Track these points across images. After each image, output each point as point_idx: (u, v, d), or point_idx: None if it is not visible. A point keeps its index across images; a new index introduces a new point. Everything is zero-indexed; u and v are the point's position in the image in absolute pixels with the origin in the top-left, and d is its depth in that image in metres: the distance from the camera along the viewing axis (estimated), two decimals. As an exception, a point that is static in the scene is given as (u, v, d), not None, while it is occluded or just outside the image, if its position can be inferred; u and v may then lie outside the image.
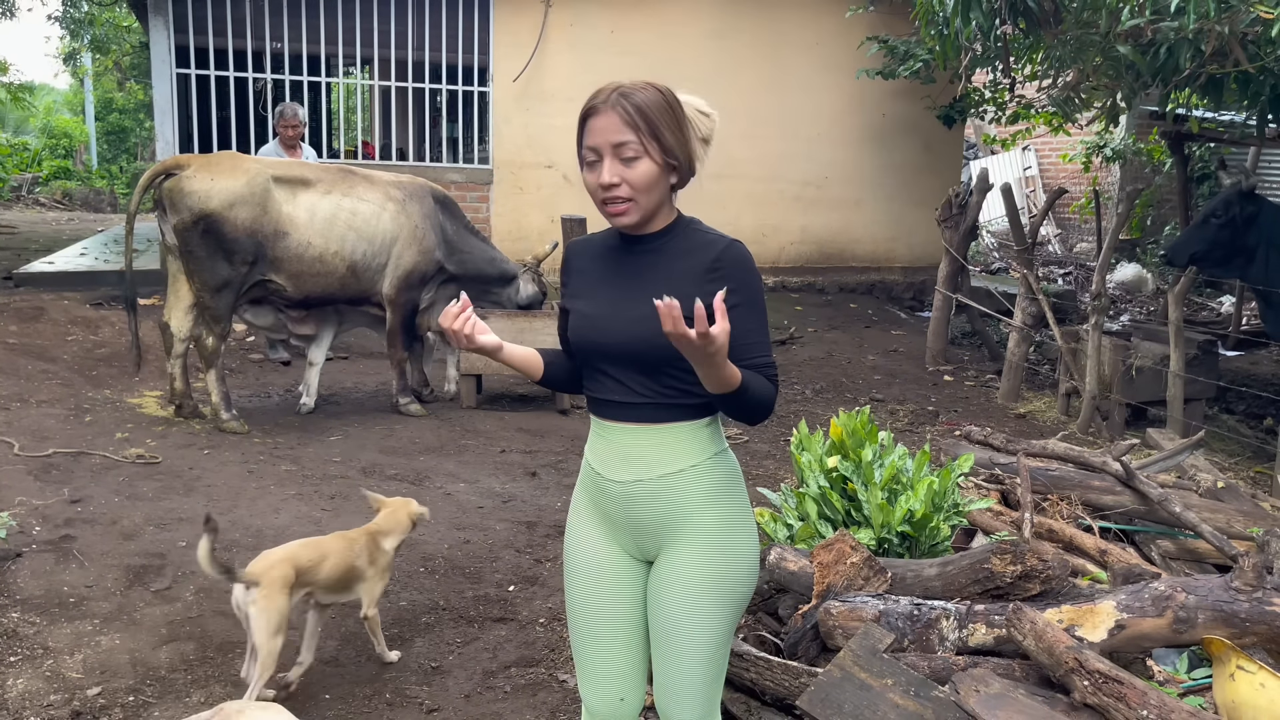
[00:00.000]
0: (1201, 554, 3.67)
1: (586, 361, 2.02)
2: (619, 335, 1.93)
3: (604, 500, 2.04)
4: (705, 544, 1.98)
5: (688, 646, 1.99)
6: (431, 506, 4.70)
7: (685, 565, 1.98)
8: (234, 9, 9.22)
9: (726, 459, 2.03)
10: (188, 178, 5.50)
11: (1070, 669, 2.29)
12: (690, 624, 1.99)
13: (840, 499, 3.39)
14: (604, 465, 2.02)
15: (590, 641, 2.11)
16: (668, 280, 1.92)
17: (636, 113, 1.85)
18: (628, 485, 1.98)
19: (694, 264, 1.92)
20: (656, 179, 1.89)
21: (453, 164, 10.44)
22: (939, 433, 6.13)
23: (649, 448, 1.96)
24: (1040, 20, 5.50)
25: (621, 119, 1.85)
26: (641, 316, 1.87)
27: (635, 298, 1.92)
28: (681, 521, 1.98)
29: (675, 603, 1.99)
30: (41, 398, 6.04)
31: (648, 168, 1.88)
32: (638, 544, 2.05)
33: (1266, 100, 5.59)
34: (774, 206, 11.02)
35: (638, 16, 10.27)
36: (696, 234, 1.96)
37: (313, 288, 5.86)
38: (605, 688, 2.10)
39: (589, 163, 1.91)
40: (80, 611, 3.52)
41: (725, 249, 1.91)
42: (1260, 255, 6.43)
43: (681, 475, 1.96)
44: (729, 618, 2.02)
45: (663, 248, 1.96)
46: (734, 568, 2.00)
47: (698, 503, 1.97)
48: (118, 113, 23.98)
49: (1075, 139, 13.01)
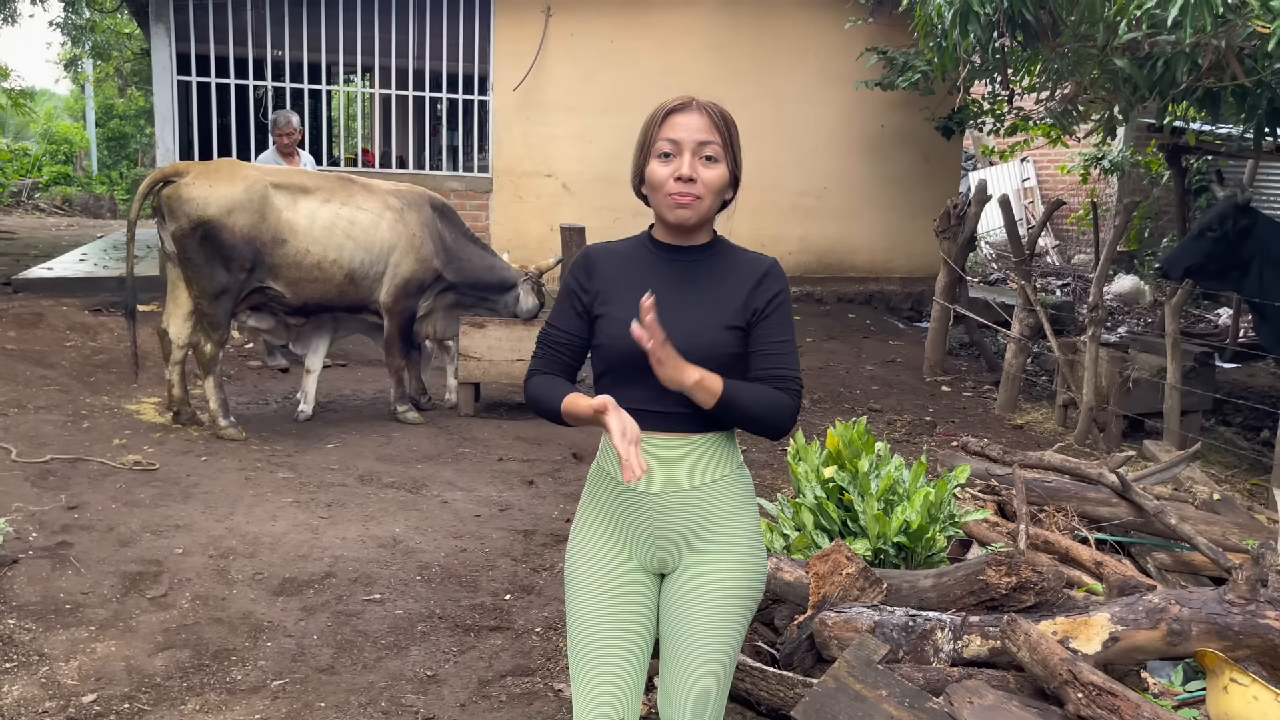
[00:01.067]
0: (1197, 566, 3.68)
1: (614, 369, 1.98)
2: (671, 340, 1.85)
3: (628, 513, 2.01)
4: (732, 554, 2.00)
5: (703, 655, 2.00)
6: (429, 515, 4.73)
7: (712, 575, 2.00)
8: (235, 17, 9.24)
9: (745, 472, 2.08)
10: (186, 184, 5.52)
11: (1064, 681, 2.30)
12: (709, 633, 1.99)
13: (837, 509, 3.40)
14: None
15: (594, 659, 2.04)
16: (721, 294, 1.97)
17: (723, 120, 1.95)
18: (661, 496, 1.97)
19: (745, 278, 1.99)
20: (724, 186, 1.97)
21: (452, 172, 10.46)
22: (936, 443, 6.14)
23: (684, 458, 1.97)
24: (1038, 33, 5.53)
25: (711, 121, 1.93)
26: (698, 329, 1.92)
27: (684, 308, 1.95)
28: (710, 531, 2.00)
29: (699, 612, 1.99)
30: (40, 404, 6.05)
31: (721, 172, 1.95)
32: (657, 556, 2.03)
33: (1263, 113, 5.62)
34: (772, 216, 11.04)
35: (638, 27, 10.30)
36: (738, 250, 2.04)
37: (311, 295, 5.87)
38: (604, 708, 2.03)
39: (663, 154, 1.94)
40: (76, 618, 3.52)
41: (772, 265, 2.02)
42: (1254, 268, 6.44)
43: (715, 485, 1.99)
44: (744, 626, 2.04)
45: (711, 260, 2.01)
46: (755, 577, 2.04)
47: (727, 512, 2.00)
48: (118, 119, 24.02)
49: (1073, 151, 13.05)
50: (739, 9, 10.63)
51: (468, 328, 6.46)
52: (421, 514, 4.73)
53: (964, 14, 5.31)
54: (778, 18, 10.77)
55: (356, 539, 4.36)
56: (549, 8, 10.00)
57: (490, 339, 6.45)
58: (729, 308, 1.96)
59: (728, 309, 1.96)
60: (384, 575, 4.02)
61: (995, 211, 10.86)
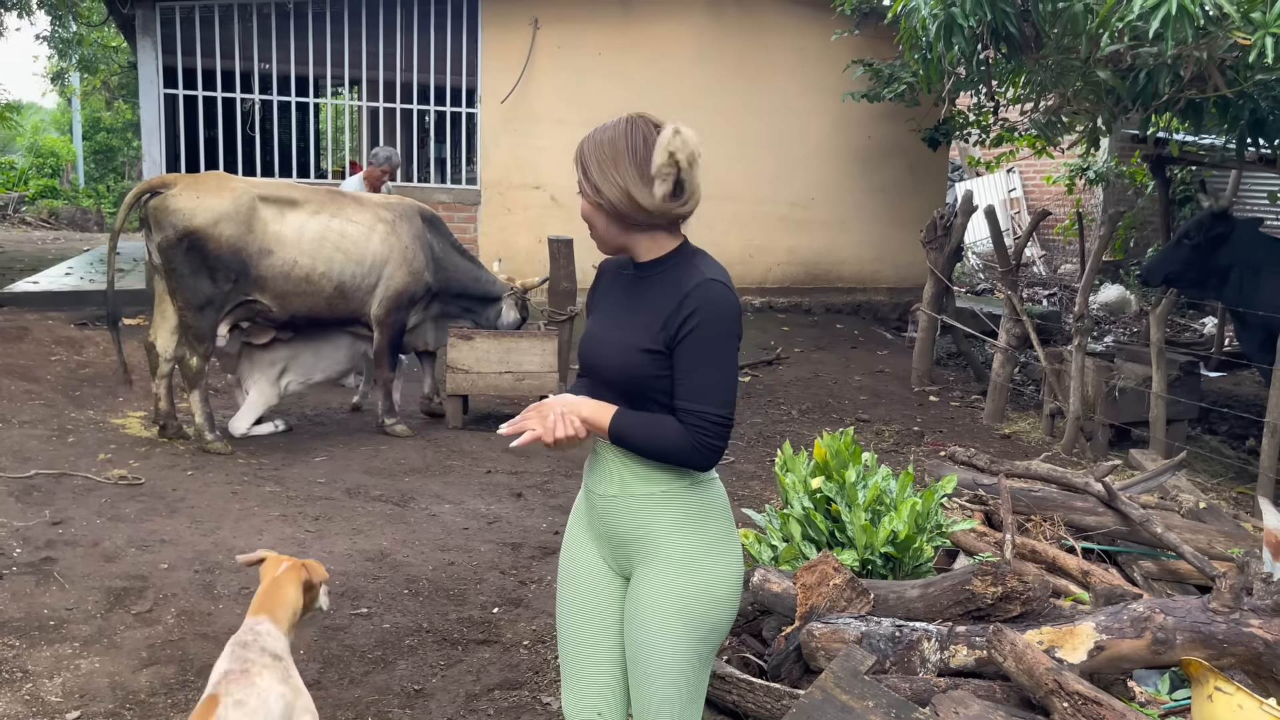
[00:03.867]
0: (1183, 575, 3.69)
1: (592, 371, 2.10)
2: (605, 358, 2.02)
3: (589, 510, 2.12)
4: (673, 568, 2.00)
5: (658, 668, 2.01)
6: (416, 528, 4.71)
7: (653, 587, 2.01)
8: (222, 30, 9.24)
9: (707, 489, 2.03)
10: (173, 195, 5.50)
11: (1050, 690, 2.30)
12: (659, 646, 2.00)
13: (824, 520, 3.40)
14: (592, 476, 2.10)
15: (574, 646, 2.16)
16: (648, 314, 1.96)
17: (580, 152, 1.97)
18: (606, 499, 2.05)
19: (670, 299, 1.93)
20: (592, 215, 1.99)
21: (440, 184, 10.46)
22: (924, 453, 6.15)
23: (630, 466, 2.01)
24: (1021, 45, 5.57)
25: (576, 157, 1.98)
26: (623, 345, 1.95)
27: (621, 324, 1.99)
28: (651, 543, 2.01)
29: (644, 623, 2.01)
30: (24, 418, 6.01)
31: (585, 205, 2.00)
32: (615, 558, 2.10)
33: (1245, 124, 5.66)
34: (760, 227, 11.07)
35: (625, 40, 10.34)
36: (687, 267, 1.96)
37: (299, 307, 5.85)
38: (585, 698, 2.15)
39: None
40: (60, 634, 3.50)
41: (695, 286, 1.90)
42: (1234, 276, 6.49)
43: (652, 498, 1.99)
44: (700, 643, 2.02)
45: (655, 278, 2.00)
46: (704, 594, 2.00)
47: (668, 527, 2.00)
48: (105, 132, 23.96)
49: (1059, 161, 13.12)
50: (726, 21, 10.68)
51: (456, 340, 6.45)
52: (409, 527, 4.71)
53: (948, 26, 5.34)
54: (765, 30, 10.82)
55: (344, 552, 4.34)
56: (537, 20, 10.02)
57: (478, 351, 6.44)
58: (647, 330, 1.94)
59: (645, 331, 1.94)
60: (371, 589, 4.01)
61: (982, 222, 10.89)
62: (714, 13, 10.64)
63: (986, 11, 5.14)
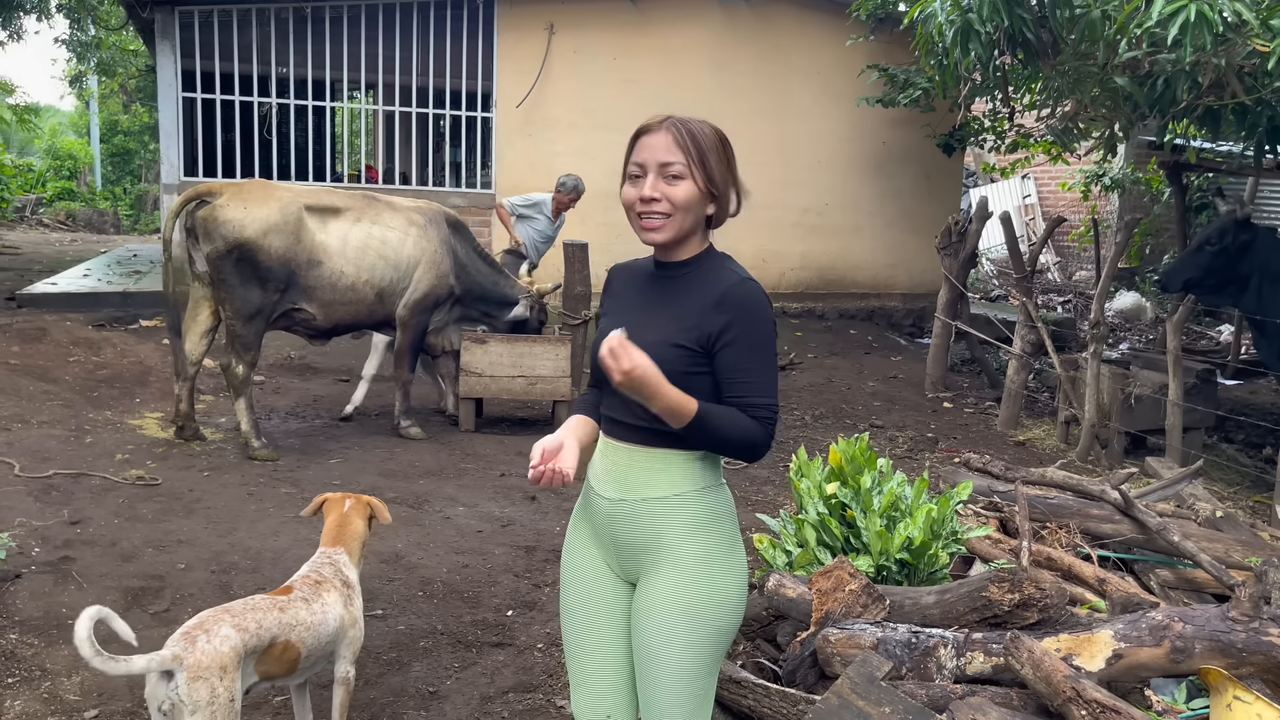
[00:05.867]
0: (1200, 583, 3.67)
1: (604, 377, 2.05)
2: None
3: (592, 514, 2.09)
4: (682, 574, 1.99)
5: (666, 674, 2.01)
6: (431, 530, 4.73)
7: (661, 592, 2.00)
8: (240, 34, 9.31)
9: (716, 494, 2.04)
10: (221, 206, 5.50)
11: (1068, 698, 2.29)
12: (667, 651, 2.00)
13: (839, 526, 3.40)
14: (596, 479, 2.08)
15: (579, 650, 2.15)
16: (679, 311, 1.97)
17: (688, 136, 1.94)
18: (613, 503, 2.03)
19: (704, 298, 1.96)
20: (695, 201, 1.95)
21: (455, 189, 10.50)
22: (938, 460, 6.14)
23: (638, 469, 2.00)
24: (1038, 51, 5.56)
25: (674, 140, 1.94)
26: (651, 341, 1.92)
27: (648, 324, 1.98)
28: (660, 549, 2.00)
29: (651, 629, 2.01)
30: (43, 419, 6.05)
31: (689, 188, 1.94)
32: (620, 564, 2.08)
33: (1264, 131, 5.63)
34: (774, 233, 11.07)
35: (640, 44, 10.36)
36: (718, 269, 2.01)
37: (343, 316, 5.92)
38: (593, 701, 2.14)
39: (632, 177, 1.98)
40: (78, 633, 3.52)
41: (732, 286, 1.95)
42: (1253, 284, 6.45)
43: (663, 502, 1.98)
44: (709, 648, 2.02)
45: (684, 277, 2.01)
46: (712, 600, 1.99)
47: (678, 533, 1.99)
48: (123, 135, 24.14)
49: (1074, 168, 13.09)
50: (741, 27, 10.70)
51: (470, 343, 6.47)
52: (423, 529, 4.72)
53: (965, 32, 5.34)
54: (780, 35, 10.83)
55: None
56: (552, 25, 10.06)
57: (492, 355, 6.46)
58: (680, 326, 1.95)
59: (678, 327, 1.95)
60: (386, 591, 4.02)
61: (996, 228, 10.89)
62: (729, 18, 10.66)
63: (1004, 17, 5.14)
